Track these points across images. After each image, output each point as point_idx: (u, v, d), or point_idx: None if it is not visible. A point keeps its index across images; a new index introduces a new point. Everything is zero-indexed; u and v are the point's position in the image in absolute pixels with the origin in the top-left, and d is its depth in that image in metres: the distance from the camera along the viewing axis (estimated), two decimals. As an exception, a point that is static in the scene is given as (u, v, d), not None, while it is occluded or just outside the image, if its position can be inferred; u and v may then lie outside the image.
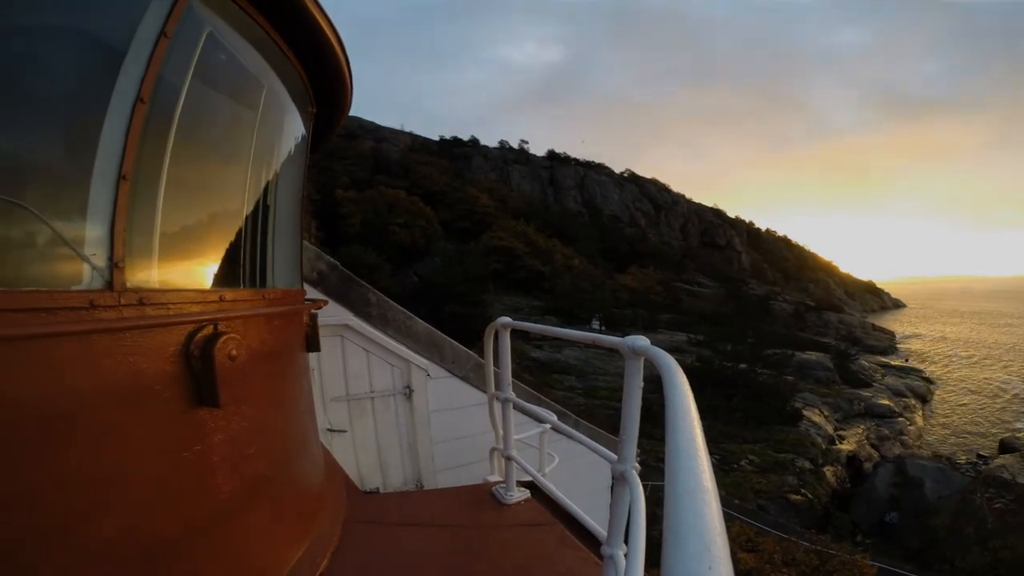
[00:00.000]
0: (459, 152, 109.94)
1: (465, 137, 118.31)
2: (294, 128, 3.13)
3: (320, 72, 2.96)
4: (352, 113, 3.79)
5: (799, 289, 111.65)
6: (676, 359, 1.69)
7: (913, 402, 52.18)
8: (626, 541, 2.01)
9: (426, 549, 2.75)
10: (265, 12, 2.35)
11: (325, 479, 3.29)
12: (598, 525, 2.69)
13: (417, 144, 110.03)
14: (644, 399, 2.13)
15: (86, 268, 1.62)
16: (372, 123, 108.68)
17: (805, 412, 41.40)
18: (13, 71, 1.62)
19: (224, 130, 2.53)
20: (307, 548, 2.56)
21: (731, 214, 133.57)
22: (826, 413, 43.77)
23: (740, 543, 20.94)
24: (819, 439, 38.08)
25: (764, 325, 62.79)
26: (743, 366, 44.74)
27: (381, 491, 6.07)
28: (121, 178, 1.69)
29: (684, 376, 1.48)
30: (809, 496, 30.17)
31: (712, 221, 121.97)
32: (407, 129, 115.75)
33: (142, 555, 1.71)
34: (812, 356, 57.78)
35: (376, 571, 2.55)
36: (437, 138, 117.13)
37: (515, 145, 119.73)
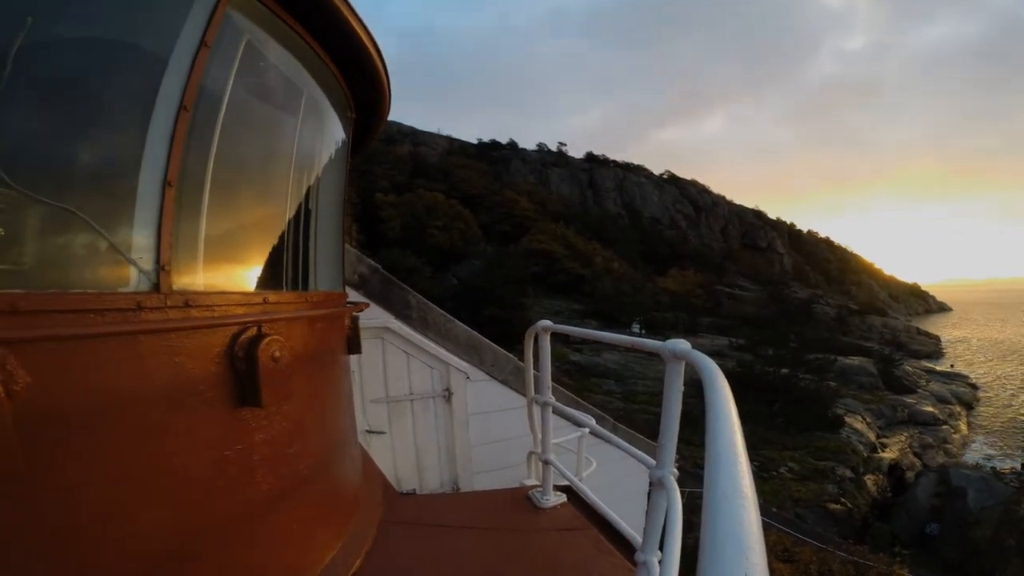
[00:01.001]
0: (497, 155, 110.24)
1: (503, 140, 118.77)
2: (334, 133, 3.18)
3: (358, 78, 3.00)
4: (390, 117, 3.83)
5: (842, 292, 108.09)
6: (717, 363, 1.66)
7: (958, 409, 49.87)
8: (661, 548, 1.98)
9: (459, 551, 2.75)
10: (302, 20, 2.39)
11: (362, 480, 3.33)
12: (633, 531, 2.66)
13: (455, 147, 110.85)
14: (684, 404, 2.09)
15: (133, 271, 1.68)
16: (410, 127, 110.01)
17: (847, 419, 40.12)
18: (62, 82, 1.70)
19: (266, 136, 2.59)
20: (341, 547, 2.59)
21: (772, 215, 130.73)
22: (868, 420, 42.38)
23: (776, 552, 20.38)
24: (861, 447, 36.86)
25: (806, 329, 60.85)
26: (784, 371, 43.59)
27: (418, 492, 6.13)
28: (167, 184, 1.74)
29: (725, 380, 1.46)
30: (849, 505, 29.27)
31: (753, 223, 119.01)
32: (444, 133, 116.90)
33: (180, 549, 1.76)
34: (855, 361, 56.01)
35: (408, 572, 2.56)
36: (475, 141, 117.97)
37: (553, 148, 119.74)
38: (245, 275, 2.44)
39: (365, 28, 2.62)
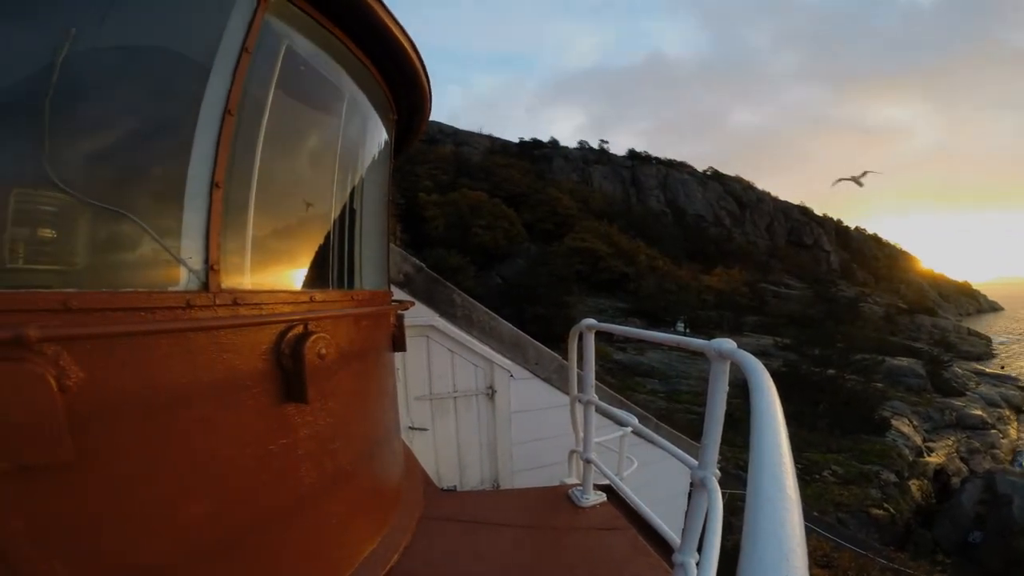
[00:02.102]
0: (539, 154, 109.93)
1: (544, 139, 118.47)
2: (376, 134, 3.23)
3: (398, 79, 3.03)
4: (431, 118, 3.86)
5: (890, 291, 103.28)
6: (762, 363, 1.62)
7: (1007, 413, 47.30)
8: (699, 550, 1.96)
9: (496, 548, 2.75)
10: (339, 24, 2.43)
11: (404, 476, 3.37)
12: (672, 532, 2.63)
13: (497, 147, 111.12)
14: (728, 404, 2.05)
15: (183, 271, 1.74)
16: (451, 127, 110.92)
17: (893, 421, 38.76)
18: (110, 89, 1.78)
19: (309, 138, 2.65)
20: (380, 542, 2.62)
21: (818, 211, 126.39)
22: (915, 423, 40.87)
23: (815, 558, 19.85)
24: (906, 451, 35.54)
25: (853, 329, 58.67)
26: (831, 372, 42.33)
27: (458, 489, 6.18)
28: (214, 186, 1.80)
29: (771, 381, 1.43)
30: (891, 511, 28.27)
31: (799, 219, 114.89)
32: (486, 132, 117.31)
33: (223, 539, 1.81)
34: (903, 362, 54.03)
35: (444, 568, 2.58)
36: (516, 140, 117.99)
37: (595, 145, 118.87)
38: (292, 274, 2.50)
39: (402, 30, 2.65)
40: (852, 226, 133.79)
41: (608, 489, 3.34)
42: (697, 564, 2.05)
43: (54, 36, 1.58)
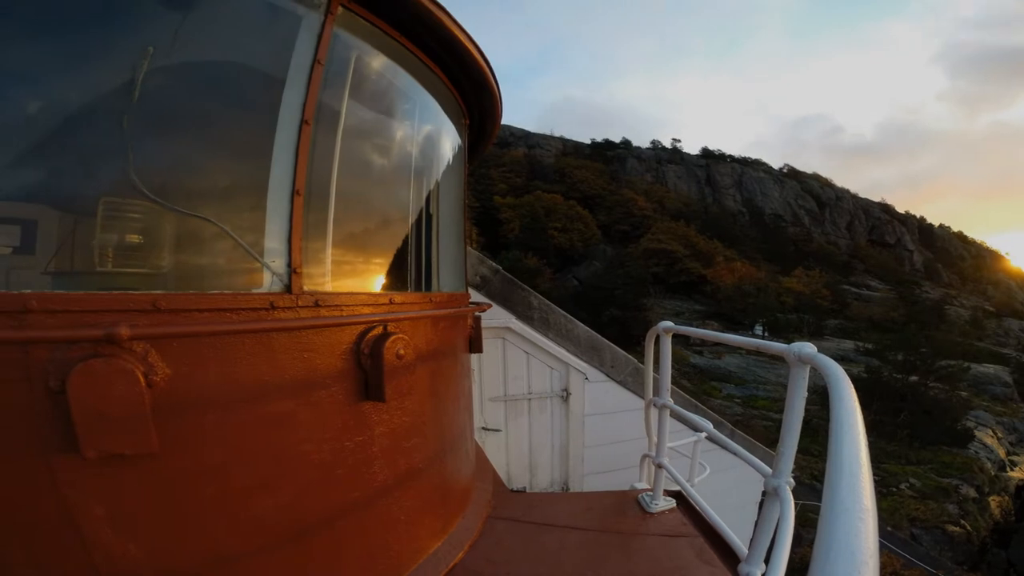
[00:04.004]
0: (612, 154, 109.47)
1: (616, 139, 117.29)
2: (450, 138, 3.28)
3: (467, 84, 3.07)
4: (503, 121, 3.88)
5: (977, 292, 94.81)
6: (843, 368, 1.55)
7: None
8: (766, 561, 1.89)
9: (560, 550, 2.73)
10: (407, 33, 2.48)
11: (475, 476, 3.40)
12: (741, 542, 2.54)
13: (569, 148, 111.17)
14: (806, 411, 1.96)
15: (267, 273, 1.84)
16: (522, 130, 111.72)
17: (977, 432, 36.03)
18: (189, 104, 1.91)
19: (384, 144, 2.73)
20: (446, 540, 2.66)
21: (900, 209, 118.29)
22: (999, 435, 37.93)
23: (884, 574, 18.57)
24: (988, 464, 32.90)
25: (938, 333, 54.56)
26: (913, 378, 39.99)
27: (527, 491, 6.18)
28: (295, 193, 1.89)
29: (852, 387, 1.36)
30: (968, 528, 26.42)
31: (880, 217, 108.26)
32: (557, 134, 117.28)
33: (293, 530, 1.89)
34: (989, 369, 50.24)
35: (506, 567, 2.58)
36: (588, 141, 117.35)
37: (667, 144, 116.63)
38: (372, 276, 2.58)
39: (468, 36, 2.67)
40: (935, 223, 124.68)
41: (678, 495, 3.27)
42: (763, 575, 2.01)
43: (133, 55, 1.71)
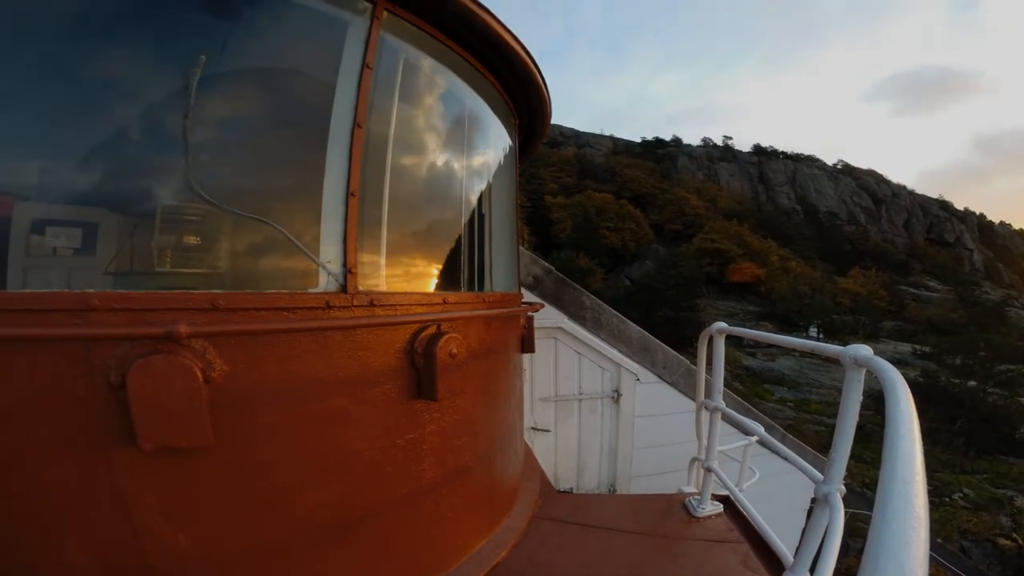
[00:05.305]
0: (663, 153, 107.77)
1: (667, 137, 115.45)
2: (500, 139, 3.30)
3: (515, 86, 3.08)
4: (552, 121, 3.87)
5: None
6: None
7: None
8: (812, 569, 1.84)
9: (603, 552, 2.70)
10: (452, 35, 2.50)
11: (522, 475, 3.41)
12: (787, 549, 2.47)
13: (619, 147, 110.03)
14: (859, 416, 1.89)
15: (323, 274, 1.90)
16: (572, 129, 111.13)
17: None
18: (244, 109, 1.98)
19: (435, 145, 2.76)
20: (491, 538, 2.67)
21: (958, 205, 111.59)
22: None
23: None
24: None
25: (998, 336, 50.99)
26: (972, 383, 37.70)
27: (574, 492, 6.14)
28: (349, 194, 1.94)
29: (909, 392, 1.32)
30: (1020, 542, 24.81)
31: (938, 215, 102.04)
32: (607, 132, 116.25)
33: (340, 524, 1.93)
34: None
35: (549, 568, 2.57)
36: (639, 140, 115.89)
37: (718, 141, 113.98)
38: (425, 276, 2.61)
39: (514, 37, 2.68)
40: (996, 220, 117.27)
41: (726, 500, 3.19)
42: (808, 584, 1.94)
43: (187, 63, 1.78)
